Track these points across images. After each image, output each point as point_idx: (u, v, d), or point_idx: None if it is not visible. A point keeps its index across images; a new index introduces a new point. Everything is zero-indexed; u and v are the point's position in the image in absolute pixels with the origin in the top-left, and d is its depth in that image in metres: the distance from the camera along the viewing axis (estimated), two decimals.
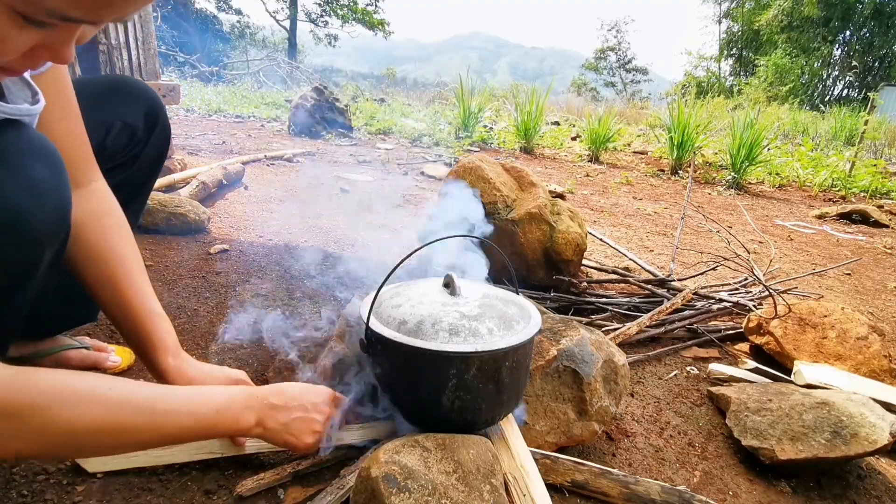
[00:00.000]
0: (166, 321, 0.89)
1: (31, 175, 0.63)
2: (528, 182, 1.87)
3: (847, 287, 2.58)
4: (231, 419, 0.76)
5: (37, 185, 0.63)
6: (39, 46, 0.48)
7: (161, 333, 0.87)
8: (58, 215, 0.67)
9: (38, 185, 0.64)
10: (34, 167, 0.64)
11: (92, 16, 0.45)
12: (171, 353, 0.88)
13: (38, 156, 0.65)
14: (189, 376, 0.88)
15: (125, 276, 0.85)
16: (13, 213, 0.61)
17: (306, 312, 1.53)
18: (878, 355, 1.49)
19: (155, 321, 0.87)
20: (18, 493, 0.82)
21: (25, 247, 0.64)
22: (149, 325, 0.86)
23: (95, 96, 0.96)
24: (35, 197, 0.63)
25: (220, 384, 0.92)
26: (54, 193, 0.66)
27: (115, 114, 1.01)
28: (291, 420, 0.83)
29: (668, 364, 1.54)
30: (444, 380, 0.87)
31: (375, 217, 2.75)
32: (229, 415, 0.76)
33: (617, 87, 35.42)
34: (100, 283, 0.85)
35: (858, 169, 5.99)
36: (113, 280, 0.85)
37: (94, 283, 0.85)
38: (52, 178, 0.66)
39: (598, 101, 13.65)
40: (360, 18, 19.88)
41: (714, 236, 3.19)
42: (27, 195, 0.62)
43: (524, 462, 0.90)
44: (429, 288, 1.01)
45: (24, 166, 0.63)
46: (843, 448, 1.06)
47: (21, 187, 0.61)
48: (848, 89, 23.91)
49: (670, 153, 5.89)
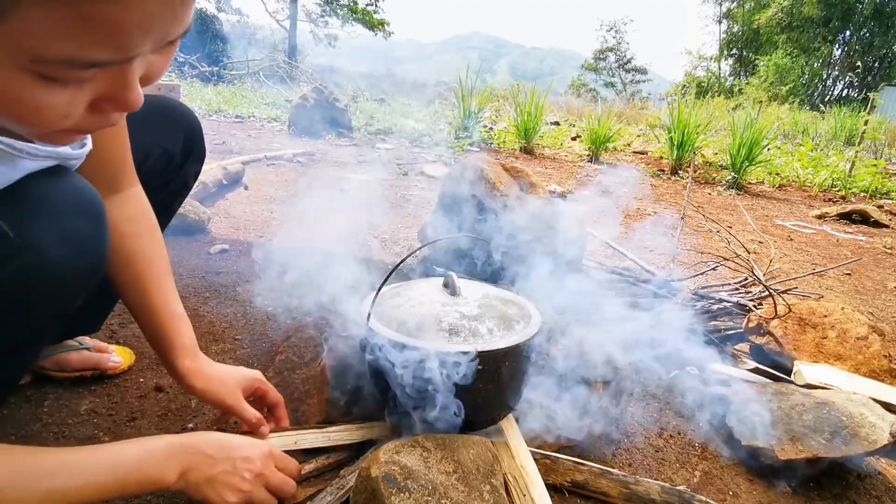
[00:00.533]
0: (187, 323, 0.89)
1: (72, 229, 0.64)
2: (529, 182, 1.87)
3: (847, 287, 2.58)
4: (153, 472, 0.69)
5: (78, 238, 0.65)
6: (99, 100, 0.44)
7: (181, 336, 0.87)
8: (94, 267, 0.69)
9: (78, 238, 0.65)
10: (76, 220, 0.65)
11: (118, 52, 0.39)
12: (189, 354, 0.88)
13: (82, 208, 0.66)
14: (207, 376, 0.88)
15: (152, 278, 0.87)
16: (53, 268, 0.62)
17: (306, 312, 1.53)
18: (878, 355, 1.49)
19: (176, 323, 0.88)
20: None
21: (59, 298, 0.66)
22: (170, 327, 0.87)
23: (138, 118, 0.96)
24: (75, 251, 0.64)
25: (237, 384, 0.91)
26: (93, 246, 0.68)
27: (156, 137, 1.04)
28: (216, 474, 0.74)
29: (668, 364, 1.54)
30: (444, 380, 0.87)
31: (375, 217, 2.75)
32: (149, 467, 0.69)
33: (616, 88, 35.42)
34: (128, 285, 0.86)
35: (858, 169, 5.99)
36: (140, 282, 0.86)
37: (123, 284, 0.86)
38: (93, 231, 0.67)
39: (598, 101, 13.65)
40: (360, 18, 19.87)
41: (714, 236, 3.19)
42: (68, 250, 0.63)
43: (524, 462, 0.90)
44: (429, 288, 1.01)
45: (66, 219, 0.64)
46: (843, 448, 1.06)
47: (62, 241, 0.62)
48: (848, 89, 23.92)
49: (670, 153, 5.89)
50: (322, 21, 20.74)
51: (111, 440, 0.94)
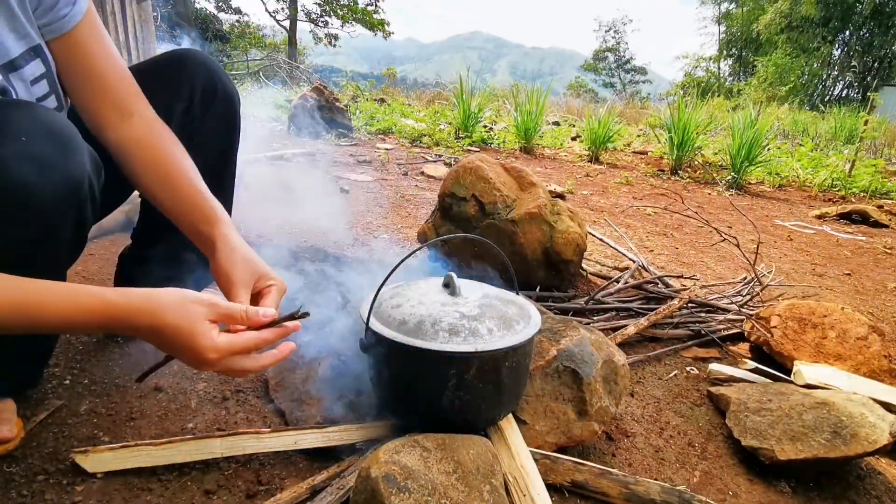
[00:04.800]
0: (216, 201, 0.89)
1: (37, 150, 0.67)
2: (528, 182, 1.87)
3: (847, 287, 2.58)
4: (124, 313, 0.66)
5: (42, 159, 0.67)
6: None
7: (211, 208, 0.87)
8: (66, 189, 0.71)
9: (43, 159, 0.67)
10: (41, 142, 0.68)
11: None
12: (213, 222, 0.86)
13: (47, 132, 0.69)
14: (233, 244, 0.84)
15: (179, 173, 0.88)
16: (16, 186, 0.65)
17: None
18: (878, 355, 1.49)
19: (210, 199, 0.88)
20: (18, 493, 0.82)
21: (33, 218, 0.69)
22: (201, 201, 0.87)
23: (150, 79, 0.96)
24: (39, 170, 0.67)
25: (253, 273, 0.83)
26: (62, 166, 0.70)
27: (170, 96, 1.01)
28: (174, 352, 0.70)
29: (667, 364, 1.54)
30: (444, 380, 0.87)
31: (375, 217, 2.75)
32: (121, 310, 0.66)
33: (616, 88, 35.42)
34: (155, 185, 0.88)
35: (858, 169, 5.98)
36: (168, 178, 0.88)
37: (151, 188, 0.88)
38: (60, 153, 0.70)
39: (598, 101, 13.65)
40: (360, 18, 19.86)
41: (714, 236, 3.19)
42: (32, 168, 0.66)
43: (524, 462, 0.90)
44: (429, 288, 1.01)
45: (31, 141, 0.67)
46: (843, 448, 1.06)
47: (25, 160, 0.65)
48: (848, 89, 23.92)
49: (670, 153, 5.89)
50: (322, 21, 20.73)
51: (111, 441, 0.95)
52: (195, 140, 1.06)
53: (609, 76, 37.49)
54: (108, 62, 0.87)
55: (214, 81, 1.08)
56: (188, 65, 1.06)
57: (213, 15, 15.84)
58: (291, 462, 0.95)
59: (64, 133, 0.71)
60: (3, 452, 0.88)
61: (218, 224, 0.86)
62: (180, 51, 1.08)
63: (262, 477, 0.92)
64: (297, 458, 0.96)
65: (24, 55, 0.79)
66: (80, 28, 0.83)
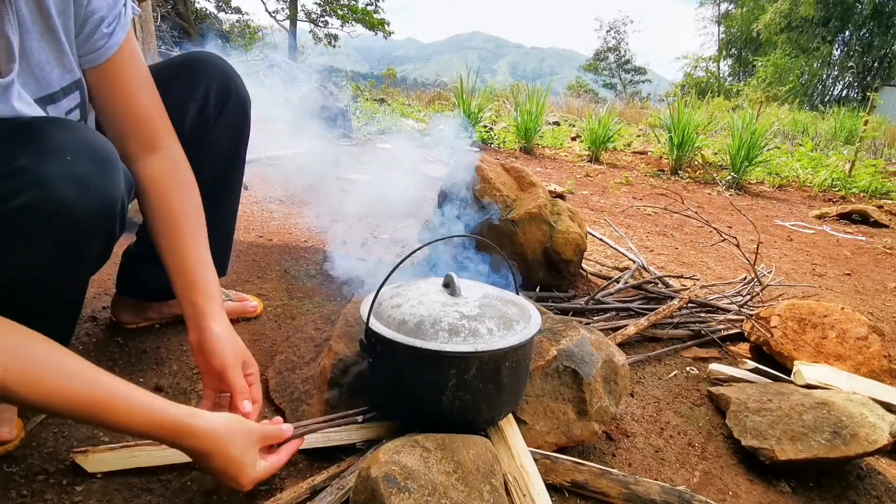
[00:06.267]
0: (214, 275, 0.91)
1: (79, 170, 0.69)
2: (528, 182, 1.87)
3: (847, 287, 2.58)
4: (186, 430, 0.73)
5: (84, 179, 0.69)
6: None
7: (208, 283, 0.90)
8: (103, 209, 0.73)
9: (84, 179, 0.69)
10: (84, 163, 0.70)
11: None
12: (215, 300, 0.89)
13: (90, 153, 0.71)
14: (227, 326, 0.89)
15: (184, 230, 0.91)
16: (59, 204, 0.67)
17: (306, 312, 1.53)
18: (878, 355, 1.49)
19: (205, 271, 0.90)
20: (18, 493, 0.82)
21: (70, 235, 0.70)
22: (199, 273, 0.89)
23: (167, 80, 0.97)
24: (81, 190, 0.69)
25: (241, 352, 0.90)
26: (101, 187, 0.72)
27: (185, 96, 1.02)
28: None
29: (667, 364, 1.54)
30: (444, 380, 0.87)
31: (375, 217, 2.75)
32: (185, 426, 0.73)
33: (616, 88, 35.41)
34: (163, 236, 0.90)
35: (858, 169, 5.98)
36: (174, 234, 0.90)
37: (159, 235, 0.90)
38: (100, 174, 0.72)
39: (598, 101, 13.64)
40: (360, 18, 19.86)
41: (714, 236, 3.19)
42: (74, 188, 0.68)
43: (524, 462, 0.90)
44: (429, 288, 1.01)
45: (74, 161, 0.69)
46: (843, 448, 1.06)
47: (68, 180, 0.67)
48: (847, 89, 23.92)
49: (670, 153, 5.89)
50: (322, 21, 20.73)
51: (111, 441, 0.94)
52: (207, 140, 1.08)
53: (609, 76, 37.48)
54: (141, 94, 0.89)
55: (229, 85, 1.09)
56: (204, 67, 1.07)
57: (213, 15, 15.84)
58: (291, 462, 0.95)
59: (104, 154, 0.73)
60: (2, 453, 0.88)
61: (210, 300, 0.88)
62: (197, 52, 1.09)
63: None
64: (297, 458, 0.96)
65: (64, 89, 0.81)
66: (117, 58, 0.84)
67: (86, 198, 0.69)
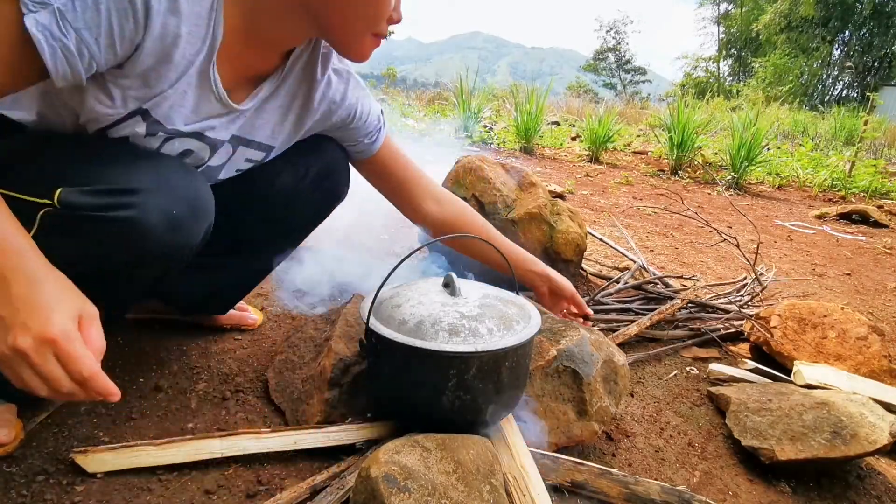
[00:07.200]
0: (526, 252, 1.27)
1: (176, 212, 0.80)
2: (528, 182, 1.87)
3: (847, 287, 2.58)
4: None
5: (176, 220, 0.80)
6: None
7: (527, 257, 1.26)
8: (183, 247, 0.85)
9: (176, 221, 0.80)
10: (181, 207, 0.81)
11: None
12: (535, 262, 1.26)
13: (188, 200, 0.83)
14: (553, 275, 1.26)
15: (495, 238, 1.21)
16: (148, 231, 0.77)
17: (306, 311, 1.53)
18: (878, 355, 1.49)
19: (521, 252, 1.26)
20: (18, 493, 0.82)
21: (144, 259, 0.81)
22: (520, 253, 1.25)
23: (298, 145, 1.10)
24: (170, 228, 0.80)
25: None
26: (187, 229, 0.83)
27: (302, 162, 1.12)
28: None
29: (668, 364, 1.54)
30: (444, 380, 0.87)
31: (375, 217, 2.75)
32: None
33: (616, 88, 35.42)
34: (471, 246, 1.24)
35: (858, 169, 5.99)
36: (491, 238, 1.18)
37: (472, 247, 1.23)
38: (190, 220, 0.83)
39: (598, 101, 13.64)
40: None
41: (714, 236, 3.19)
42: (166, 225, 0.79)
43: (524, 462, 0.90)
44: (429, 288, 1.01)
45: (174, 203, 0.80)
46: (843, 448, 1.06)
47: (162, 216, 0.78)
48: (847, 89, 23.93)
49: (670, 153, 5.89)
50: None
51: (111, 441, 0.95)
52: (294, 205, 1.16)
53: (609, 76, 37.49)
54: (407, 170, 1.18)
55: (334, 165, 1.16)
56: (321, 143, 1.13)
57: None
58: (291, 462, 0.95)
59: (201, 204, 0.86)
60: (2, 454, 0.88)
61: (537, 264, 1.25)
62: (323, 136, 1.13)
63: (262, 477, 0.92)
64: (297, 458, 0.96)
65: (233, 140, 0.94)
66: (381, 153, 1.15)
67: (172, 235, 0.80)
